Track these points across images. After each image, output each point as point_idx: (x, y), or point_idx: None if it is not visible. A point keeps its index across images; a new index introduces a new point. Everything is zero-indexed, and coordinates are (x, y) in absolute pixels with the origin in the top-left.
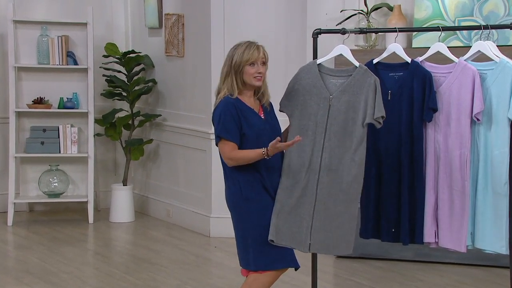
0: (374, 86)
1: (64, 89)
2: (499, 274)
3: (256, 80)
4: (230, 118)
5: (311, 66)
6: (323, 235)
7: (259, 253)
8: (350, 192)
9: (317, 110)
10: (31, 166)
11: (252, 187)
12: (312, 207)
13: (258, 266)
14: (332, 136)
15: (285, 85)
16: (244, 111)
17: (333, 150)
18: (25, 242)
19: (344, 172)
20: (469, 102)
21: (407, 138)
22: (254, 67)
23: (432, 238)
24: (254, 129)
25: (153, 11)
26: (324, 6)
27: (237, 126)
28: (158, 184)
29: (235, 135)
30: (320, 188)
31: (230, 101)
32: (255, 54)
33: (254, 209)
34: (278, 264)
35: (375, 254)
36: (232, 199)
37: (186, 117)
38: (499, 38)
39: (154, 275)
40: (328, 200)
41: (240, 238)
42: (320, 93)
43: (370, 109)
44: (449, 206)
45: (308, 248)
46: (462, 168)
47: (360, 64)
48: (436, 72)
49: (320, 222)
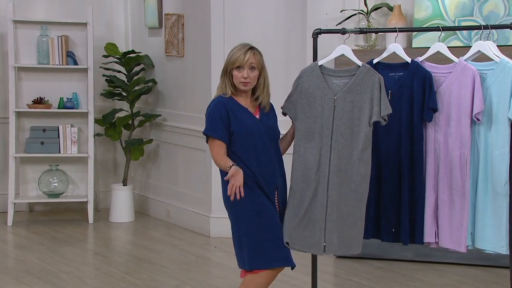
0: (379, 84)
1: (64, 89)
2: (499, 274)
3: (242, 85)
4: (218, 117)
5: (312, 68)
6: (336, 236)
7: (254, 253)
8: (360, 192)
9: (322, 112)
10: (31, 166)
11: (247, 187)
12: (324, 209)
13: (252, 266)
14: (339, 137)
15: (285, 85)
16: (235, 110)
17: (341, 151)
18: (25, 242)
19: (353, 171)
20: (469, 102)
21: (407, 138)
22: (241, 72)
23: (432, 238)
24: (244, 127)
25: (153, 11)
26: (324, 6)
27: (224, 125)
28: (158, 184)
29: (221, 134)
30: (331, 190)
31: (220, 100)
32: (240, 59)
33: (249, 209)
34: (273, 263)
35: (375, 254)
36: (228, 199)
37: (186, 117)
38: (499, 38)
39: (154, 275)
40: (339, 200)
41: (236, 238)
42: (324, 95)
43: (376, 107)
44: (449, 206)
45: (323, 250)
46: (462, 168)
47: (363, 63)
48: (436, 72)
49: (333, 223)
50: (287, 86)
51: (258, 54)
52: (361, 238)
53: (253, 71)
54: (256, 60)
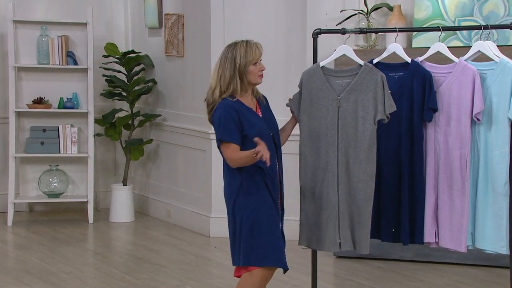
0: (382, 82)
1: (64, 89)
2: (499, 274)
3: (260, 77)
4: (230, 121)
5: (314, 69)
6: (350, 233)
7: (248, 248)
8: (367, 191)
9: (327, 113)
10: (31, 166)
11: (253, 182)
12: (336, 208)
13: (245, 261)
14: (345, 136)
15: (285, 85)
16: (245, 112)
17: (348, 150)
18: (25, 242)
19: (360, 170)
20: (469, 102)
21: (407, 138)
22: (257, 66)
23: (432, 238)
24: (255, 128)
25: (153, 11)
26: (324, 6)
27: (237, 128)
28: (158, 184)
29: (236, 137)
30: (341, 189)
31: (229, 104)
32: (257, 53)
33: (251, 204)
34: (266, 261)
35: (375, 254)
36: (231, 193)
37: (186, 117)
38: (499, 38)
39: (154, 275)
40: (349, 199)
41: (232, 233)
42: (328, 96)
43: (380, 105)
44: (449, 206)
45: (339, 246)
46: (462, 168)
47: (365, 62)
48: (436, 72)
49: (345, 220)
50: (287, 86)
51: None
52: (369, 239)
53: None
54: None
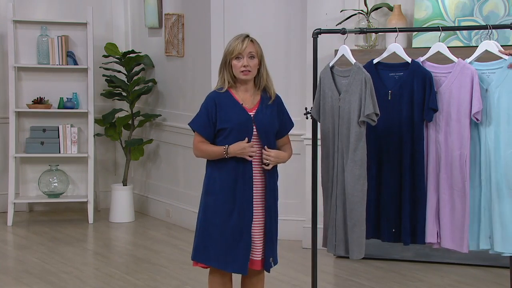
0: (365, 82)
1: (64, 89)
2: (499, 274)
3: (242, 74)
4: (204, 112)
5: (326, 69)
6: (342, 236)
7: (200, 246)
8: (354, 194)
9: (332, 113)
10: (31, 166)
11: (220, 181)
12: (335, 209)
13: (194, 256)
14: (342, 137)
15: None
16: (225, 105)
17: (343, 152)
18: (25, 242)
19: (348, 173)
20: (468, 102)
21: (408, 138)
22: (240, 61)
23: (434, 238)
24: (231, 123)
25: (153, 11)
26: (324, 6)
27: (210, 120)
28: (158, 184)
29: (204, 130)
30: (338, 190)
31: (212, 95)
32: (238, 47)
33: (209, 204)
34: (212, 262)
35: (375, 254)
36: (206, 186)
37: (186, 117)
38: (499, 38)
39: (154, 275)
40: (341, 202)
41: (196, 226)
42: (333, 95)
43: (363, 106)
44: (450, 207)
45: (334, 249)
46: (462, 168)
47: (355, 62)
48: (436, 72)
49: (340, 223)
50: (287, 86)
51: (256, 42)
52: (362, 244)
53: (253, 59)
54: (254, 48)
